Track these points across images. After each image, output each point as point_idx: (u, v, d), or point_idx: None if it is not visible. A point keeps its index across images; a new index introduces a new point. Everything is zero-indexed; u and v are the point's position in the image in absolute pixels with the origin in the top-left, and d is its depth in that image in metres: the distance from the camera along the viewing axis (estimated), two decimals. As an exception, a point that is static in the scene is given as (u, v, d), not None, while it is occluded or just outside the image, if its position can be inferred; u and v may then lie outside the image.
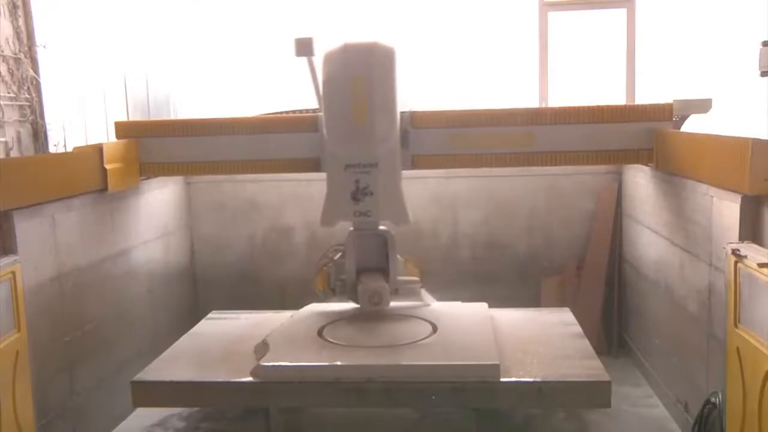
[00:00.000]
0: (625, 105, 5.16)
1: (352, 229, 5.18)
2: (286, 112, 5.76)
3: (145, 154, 5.36)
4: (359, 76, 4.79)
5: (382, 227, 5.18)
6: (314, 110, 5.30)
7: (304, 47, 4.81)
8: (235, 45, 6.81)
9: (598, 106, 5.12)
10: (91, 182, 4.72)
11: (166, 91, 6.36)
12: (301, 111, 5.63)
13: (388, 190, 4.94)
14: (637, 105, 5.13)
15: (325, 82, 4.88)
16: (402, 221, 5.07)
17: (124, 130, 5.39)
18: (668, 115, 5.00)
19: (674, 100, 4.99)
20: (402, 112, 5.03)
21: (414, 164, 5.20)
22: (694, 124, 5.12)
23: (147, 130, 5.44)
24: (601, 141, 5.11)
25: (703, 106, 4.99)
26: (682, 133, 4.82)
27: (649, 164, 5.20)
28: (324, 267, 5.29)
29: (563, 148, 5.15)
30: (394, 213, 5.04)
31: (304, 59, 4.88)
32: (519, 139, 5.13)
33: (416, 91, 6.77)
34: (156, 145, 5.38)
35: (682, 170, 4.59)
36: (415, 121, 5.16)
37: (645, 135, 5.02)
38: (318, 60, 4.89)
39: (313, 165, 5.24)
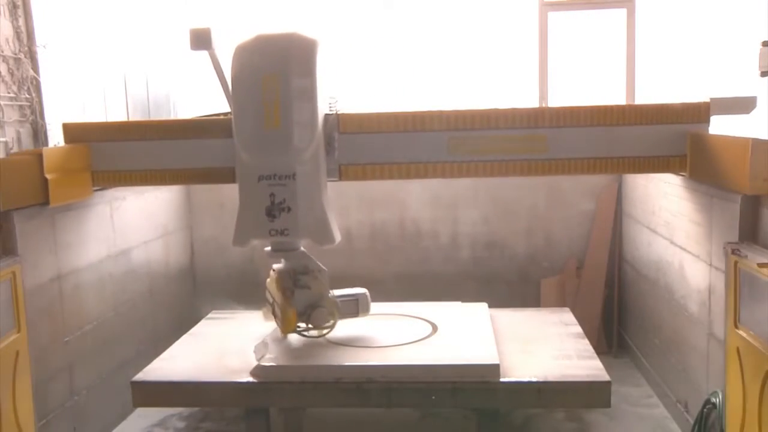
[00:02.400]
0: (653, 104, 4.40)
1: (268, 248, 4.62)
2: (212, 115, 5.01)
3: (96, 160, 4.70)
4: (271, 72, 4.21)
5: (302, 248, 4.63)
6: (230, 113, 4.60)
7: (200, 39, 4.23)
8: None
9: (620, 106, 4.52)
10: (29, 194, 4.07)
11: (166, 91, 6.36)
12: (219, 114, 4.89)
13: (308, 206, 4.32)
14: (668, 104, 4.39)
15: (234, 80, 4.29)
16: (325, 241, 4.41)
17: (73, 133, 4.71)
18: (704, 116, 4.33)
19: (711, 99, 4.33)
20: (327, 115, 4.40)
21: (341, 175, 4.52)
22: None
23: (99, 133, 4.75)
24: (625, 146, 4.41)
25: (745, 105, 4.31)
26: (721, 136, 4.07)
27: (681, 173, 4.56)
28: (286, 306, 4.54)
29: (567, 155, 4.45)
30: (315, 231, 4.39)
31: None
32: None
33: (414, 91, 6.79)
34: (104, 150, 4.72)
35: (718, 180, 3.96)
36: (343, 125, 4.47)
37: (677, 139, 4.34)
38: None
39: (228, 175, 4.56)
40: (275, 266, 4.71)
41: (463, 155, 4.47)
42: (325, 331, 4.67)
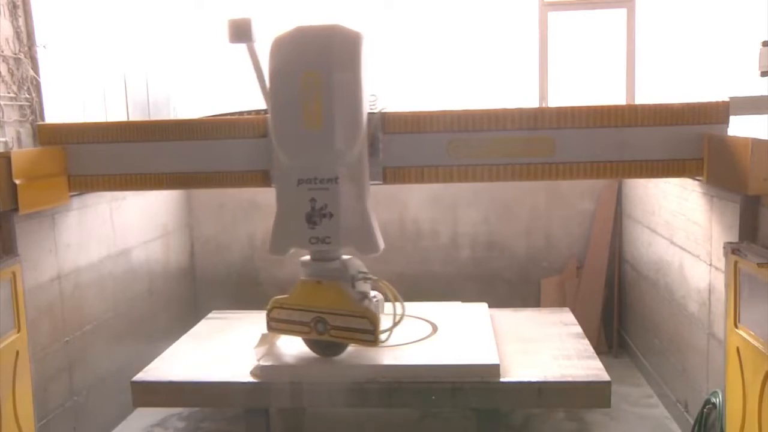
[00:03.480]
0: (668, 104, 4.11)
1: (306, 258, 4.34)
2: (237, 113, 4.70)
3: (73, 164, 4.46)
4: (313, 68, 3.91)
5: (345, 256, 4.37)
6: (265, 111, 4.33)
7: (239, 31, 3.92)
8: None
9: (632, 106, 4.26)
10: None
11: (166, 92, 6.36)
12: (250, 112, 4.59)
13: (351, 211, 4.06)
14: (684, 104, 4.10)
15: (272, 76, 4.00)
16: (370, 249, 4.16)
17: (48, 134, 4.44)
18: (723, 116, 4.06)
19: (730, 98, 4.08)
20: (370, 114, 4.12)
21: (386, 178, 4.25)
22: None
23: (74, 135, 4.48)
24: (637, 149, 4.12)
25: (766, 104, 4.06)
26: (739, 138, 3.75)
27: (697, 178, 4.29)
28: (372, 314, 4.23)
29: (580, 158, 4.16)
30: (359, 239, 4.13)
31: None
32: (519, 146, 4.18)
33: (414, 91, 6.79)
34: (82, 153, 4.47)
35: (735, 186, 3.71)
36: (388, 124, 4.20)
37: (693, 141, 4.06)
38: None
39: (261, 179, 4.33)
40: (304, 277, 4.37)
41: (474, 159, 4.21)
42: (388, 333, 4.48)
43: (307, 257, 4.34)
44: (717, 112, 4.08)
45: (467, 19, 6.79)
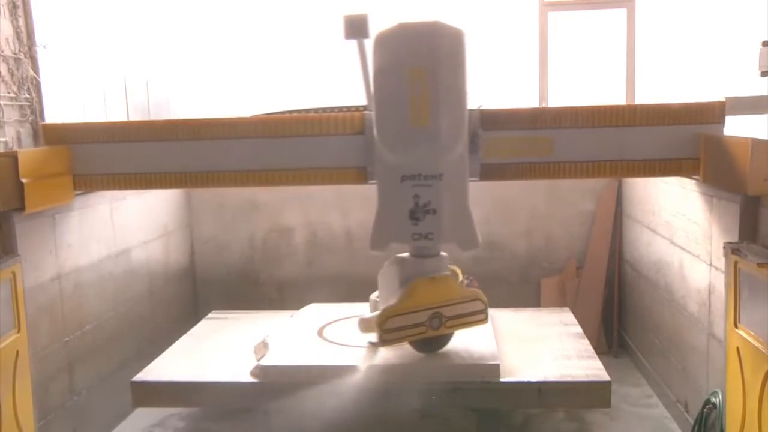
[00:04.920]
0: (665, 104, 4.19)
1: (404, 255, 4.33)
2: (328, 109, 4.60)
3: (79, 163, 4.45)
4: (420, 65, 3.92)
5: (443, 253, 4.39)
6: (358, 107, 4.40)
7: (356, 27, 3.95)
8: (236, 48, 6.80)
9: (630, 106, 4.32)
10: (3, 200, 3.81)
11: (166, 94, 6.35)
12: (341, 108, 4.56)
13: (454, 208, 4.11)
14: (681, 104, 4.18)
15: (376, 73, 4.00)
16: (470, 245, 4.24)
17: (53, 134, 4.47)
18: (718, 116, 4.13)
19: (726, 98, 4.14)
20: (470, 111, 4.14)
21: (483, 175, 4.30)
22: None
23: (81, 135, 4.49)
24: (635, 148, 4.20)
25: (763, 105, 4.12)
26: (738, 138, 3.77)
27: (694, 177, 4.36)
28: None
29: (579, 157, 4.26)
30: (461, 235, 4.21)
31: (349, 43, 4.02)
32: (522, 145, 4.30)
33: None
34: (90, 153, 4.47)
35: (734, 186, 3.73)
36: (486, 121, 4.24)
37: (689, 141, 4.13)
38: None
39: (356, 176, 4.34)
40: (409, 279, 4.28)
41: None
42: None
43: (404, 258, 4.30)
44: (713, 112, 4.14)
45: (467, 18, 6.78)
